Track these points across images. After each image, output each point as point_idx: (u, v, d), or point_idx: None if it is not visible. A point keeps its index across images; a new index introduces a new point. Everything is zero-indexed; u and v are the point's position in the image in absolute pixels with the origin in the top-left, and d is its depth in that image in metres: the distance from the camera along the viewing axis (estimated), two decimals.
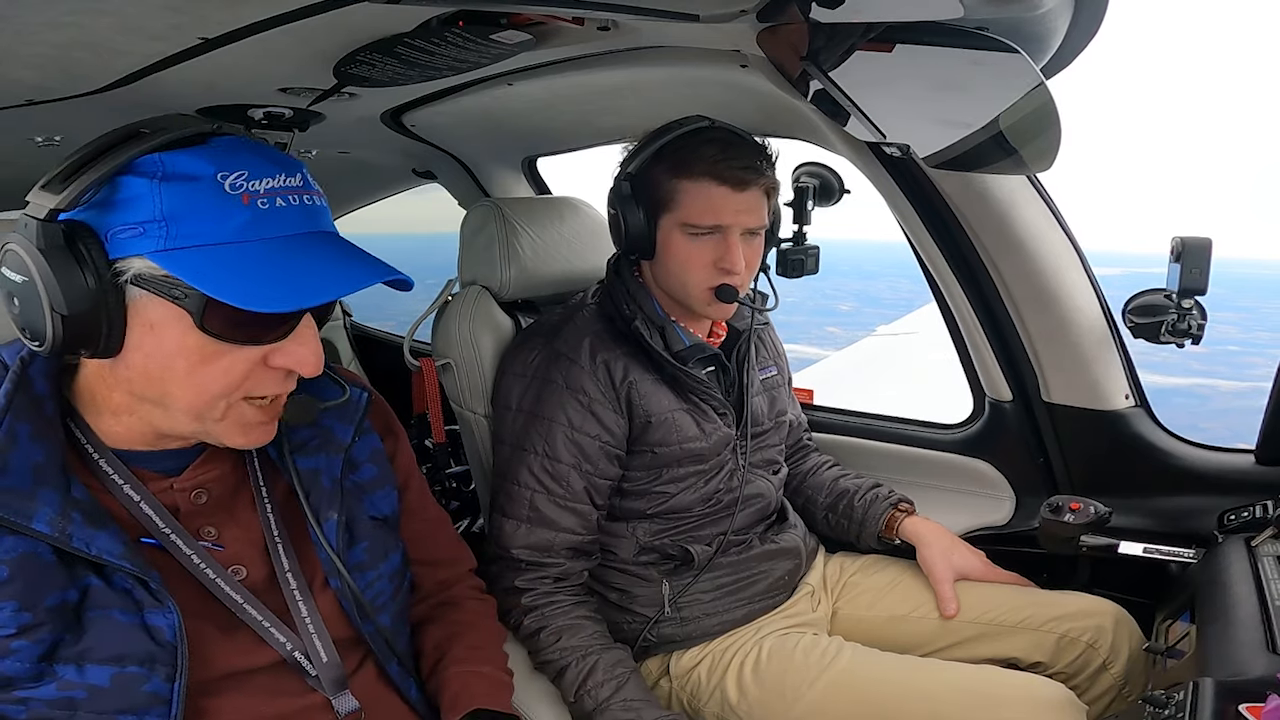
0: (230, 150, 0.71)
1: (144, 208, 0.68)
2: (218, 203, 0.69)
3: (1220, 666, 0.88)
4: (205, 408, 0.74)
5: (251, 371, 0.74)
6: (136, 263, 0.68)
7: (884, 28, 0.85)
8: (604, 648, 1.17)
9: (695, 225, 1.20)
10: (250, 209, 0.70)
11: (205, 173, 0.69)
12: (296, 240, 0.72)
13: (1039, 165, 0.98)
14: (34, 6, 0.79)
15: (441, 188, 2.28)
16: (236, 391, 0.74)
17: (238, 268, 0.68)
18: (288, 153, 1.51)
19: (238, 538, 0.83)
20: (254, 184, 0.70)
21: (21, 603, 0.68)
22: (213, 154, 0.70)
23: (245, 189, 0.70)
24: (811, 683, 1.18)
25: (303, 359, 0.74)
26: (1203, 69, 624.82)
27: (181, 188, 0.68)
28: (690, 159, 1.19)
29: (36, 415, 0.74)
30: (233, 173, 0.69)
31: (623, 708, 1.10)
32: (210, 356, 0.71)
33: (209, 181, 0.69)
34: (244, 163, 0.70)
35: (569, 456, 1.21)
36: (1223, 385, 16.04)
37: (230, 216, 0.69)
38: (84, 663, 0.70)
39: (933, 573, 1.34)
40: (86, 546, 0.71)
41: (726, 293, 1.22)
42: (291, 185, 0.73)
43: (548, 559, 1.21)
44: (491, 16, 0.91)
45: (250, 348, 0.72)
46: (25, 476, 0.71)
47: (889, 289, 42.98)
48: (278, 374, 0.75)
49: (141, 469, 0.79)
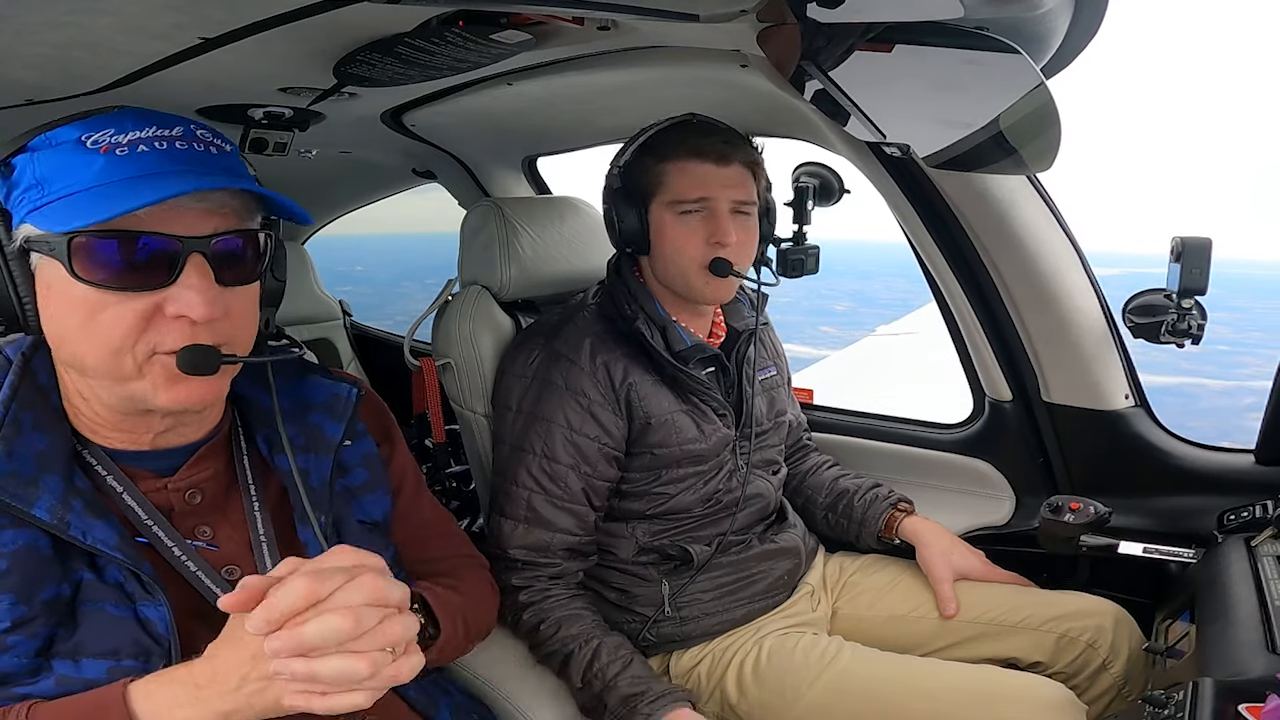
0: (110, 117, 0.73)
1: (25, 178, 0.72)
2: (78, 158, 0.71)
3: (1220, 666, 0.88)
4: (113, 365, 0.72)
5: (147, 322, 0.72)
6: (24, 229, 0.72)
7: (883, 27, 0.85)
8: (605, 633, 1.18)
9: (682, 201, 1.22)
10: (106, 157, 0.71)
11: (71, 136, 0.71)
12: (159, 177, 0.71)
13: (1039, 165, 0.98)
14: (34, 6, 0.79)
15: (441, 187, 2.28)
16: (139, 344, 0.72)
17: (83, 206, 0.69)
18: (287, 152, 1.52)
19: (231, 537, 0.83)
20: (117, 138, 0.71)
21: (18, 596, 0.69)
22: (90, 122, 0.72)
23: (107, 142, 0.71)
24: (811, 683, 1.18)
25: (190, 303, 0.71)
26: (1201, 69, 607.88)
27: (51, 153, 0.71)
28: (670, 142, 1.24)
29: (41, 405, 0.75)
30: (97, 131, 0.71)
31: (630, 683, 1.12)
32: (97, 307, 0.71)
33: (73, 143, 0.71)
34: (114, 123, 0.72)
35: (567, 458, 1.21)
36: (1211, 384, 16.09)
37: (87, 166, 0.70)
38: (79, 657, 0.71)
39: (932, 572, 1.34)
40: (83, 535, 0.71)
41: (720, 265, 1.22)
42: (163, 134, 0.73)
43: (544, 559, 1.21)
44: (491, 16, 0.91)
45: (135, 295, 0.71)
46: (28, 463, 0.72)
47: (885, 289, 43.03)
48: (180, 323, 0.72)
49: (135, 468, 0.79)
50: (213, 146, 0.75)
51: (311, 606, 0.63)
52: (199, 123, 0.76)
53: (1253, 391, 17.82)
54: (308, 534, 0.85)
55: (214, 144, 0.76)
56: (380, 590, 0.66)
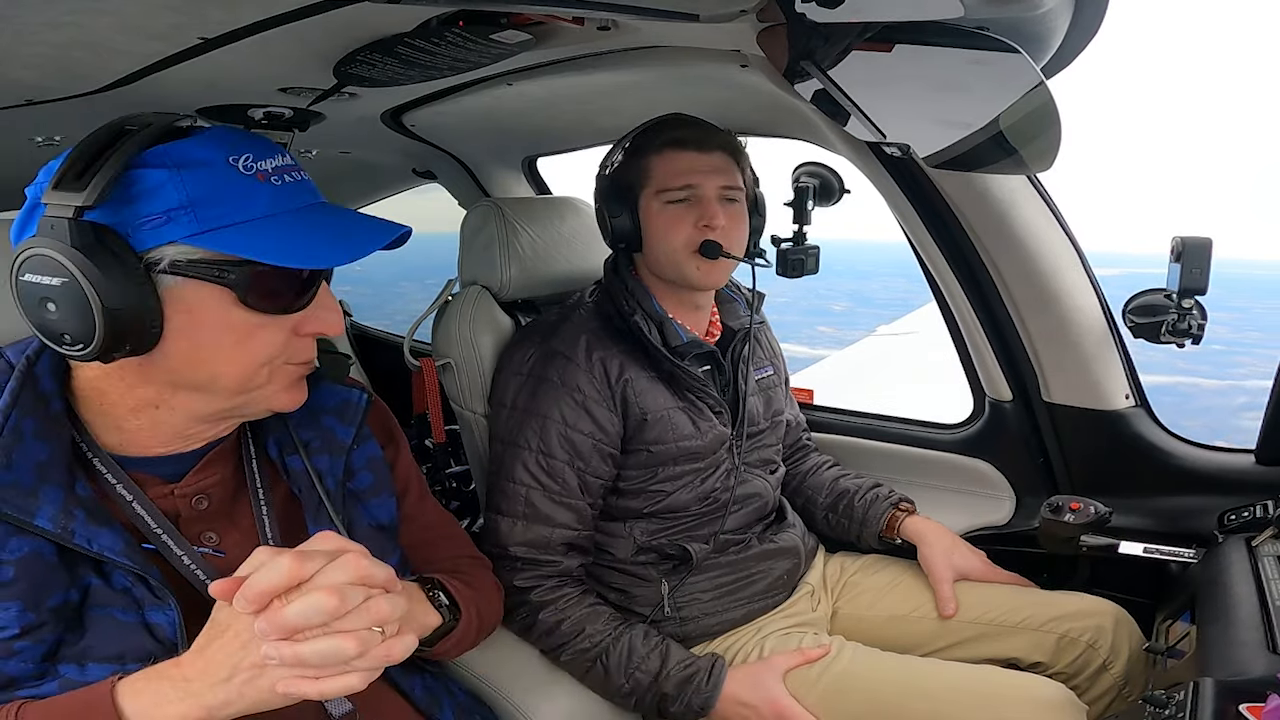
0: (226, 137, 0.74)
1: (167, 196, 0.69)
2: (239, 183, 0.72)
3: (1220, 666, 0.88)
4: (251, 377, 0.77)
5: (289, 339, 0.78)
6: (169, 250, 0.70)
7: (883, 27, 0.85)
8: (628, 625, 1.20)
9: (668, 189, 1.25)
10: (268, 186, 0.74)
11: (216, 158, 0.72)
12: (312, 210, 0.78)
13: (1039, 165, 0.98)
14: (34, 6, 0.79)
15: (441, 187, 2.28)
16: (279, 358, 0.78)
17: (276, 237, 0.72)
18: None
19: (238, 543, 0.82)
20: (261, 164, 0.74)
21: (25, 603, 0.68)
22: (214, 140, 0.73)
23: (256, 169, 0.74)
24: (812, 683, 1.17)
25: (330, 321, 0.79)
26: (1199, 69, 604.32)
27: (199, 173, 0.71)
28: (652, 136, 1.28)
29: (42, 412, 0.74)
30: (241, 155, 0.73)
31: (680, 668, 1.16)
32: (254, 329, 0.75)
33: (223, 165, 0.72)
34: (246, 147, 0.74)
35: (563, 453, 1.21)
36: (1206, 384, 16.15)
37: (255, 194, 0.73)
38: (85, 661, 0.70)
39: (933, 572, 1.34)
40: (88, 544, 0.71)
41: (710, 248, 1.24)
42: (288, 164, 0.77)
43: (545, 556, 1.21)
44: (491, 16, 0.90)
45: (284, 316, 0.76)
46: (29, 473, 0.71)
47: (883, 288, 43.07)
48: (309, 340, 0.80)
49: (142, 474, 0.79)
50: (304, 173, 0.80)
51: (296, 589, 0.64)
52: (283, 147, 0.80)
53: (1246, 391, 17.91)
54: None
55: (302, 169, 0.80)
56: (364, 569, 0.67)
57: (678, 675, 1.15)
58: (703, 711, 1.14)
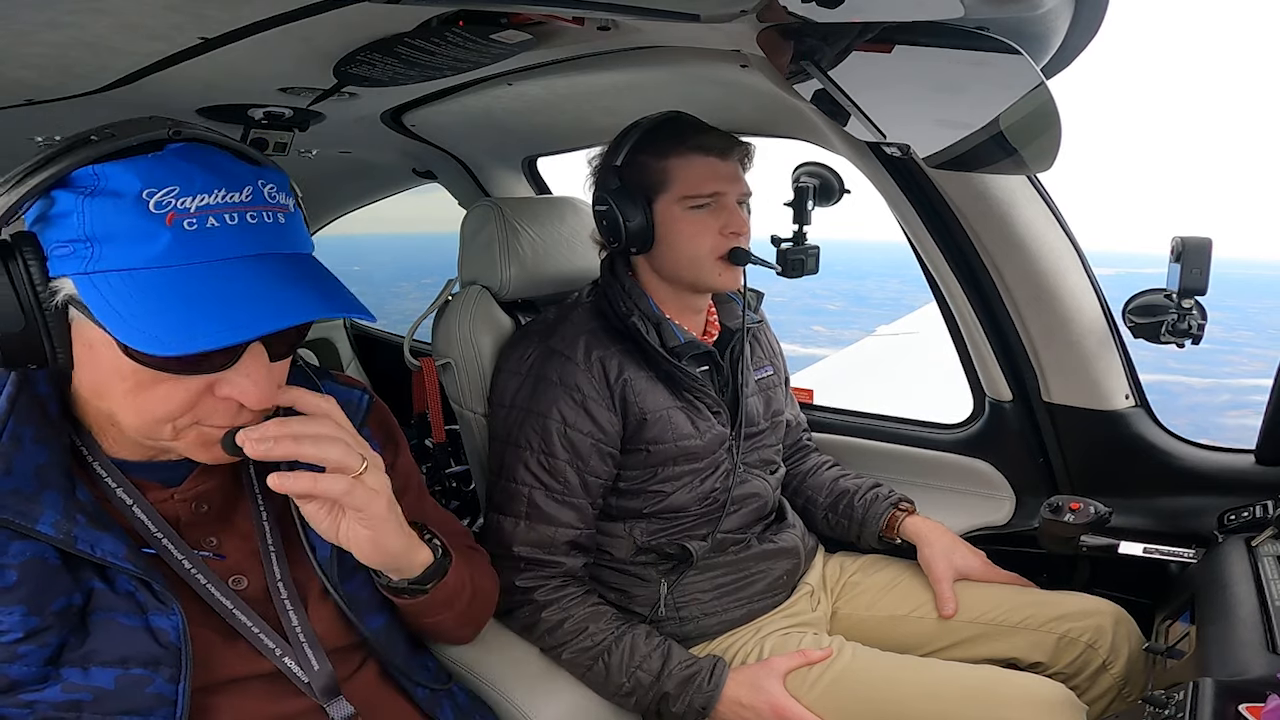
0: (171, 162, 0.66)
1: (72, 226, 0.64)
2: (140, 223, 0.64)
3: (1220, 666, 0.88)
4: (150, 431, 0.71)
5: (196, 400, 0.70)
6: (66, 284, 0.65)
7: (883, 27, 0.85)
8: (630, 625, 1.20)
9: (695, 196, 1.24)
10: (174, 230, 0.64)
11: (131, 189, 0.64)
12: (230, 264, 0.66)
13: (1039, 165, 0.98)
14: (33, 6, 0.79)
15: (441, 187, 2.28)
16: (183, 419, 0.70)
17: (153, 297, 0.63)
18: (287, 152, 1.52)
19: (238, 547, 0.83)
20: (183, 201, 0.64)
21: (29, 607, 0.68)
22: (148, 167, 0.65)
23: (172, 207, 0.64)
24: (812, 683, 1.17)
25: (244, 390, 0.69)
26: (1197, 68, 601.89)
27: (105, 204, 0.64)
28: (672, 138, 1.25)
29: (40, 418, 0.74)
30: (160, 189, 0.64)
31: (682, 667, 1.16)
32: (147, 383, 0.68)
33: (133, 199, 0.64)
34: (179, 177, 0.65)
35: (563, 452, 1.21)
36: (1194, 382, 16.25)
37: (152, 239, 0.64)
38: (89, 665, 0.70)
39: (932, 572, 1.35)
40: (91, 549, 0.71)
41: (739, 255, 1.26)
42: (233, 202, 0.67)
43: (548, 556, 1.21)
44: (492, 16, 0.91)
45: (190, 379, 0.68)
46: (29, 479, 0.70)
47: (877, 288, 43.15)
48: (229, 404, 0.70)
49: (142, 479, 0.79)
50: (280, 211, 0.70)
51: None
52: (266, 173, 0.70)
53: (1230, 389, 18.09)
54: (317, 535, 0.84)
55: (279, 204, 0.70)
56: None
57: (679, 675, 1.15)
58: (704, 712, 1.14)
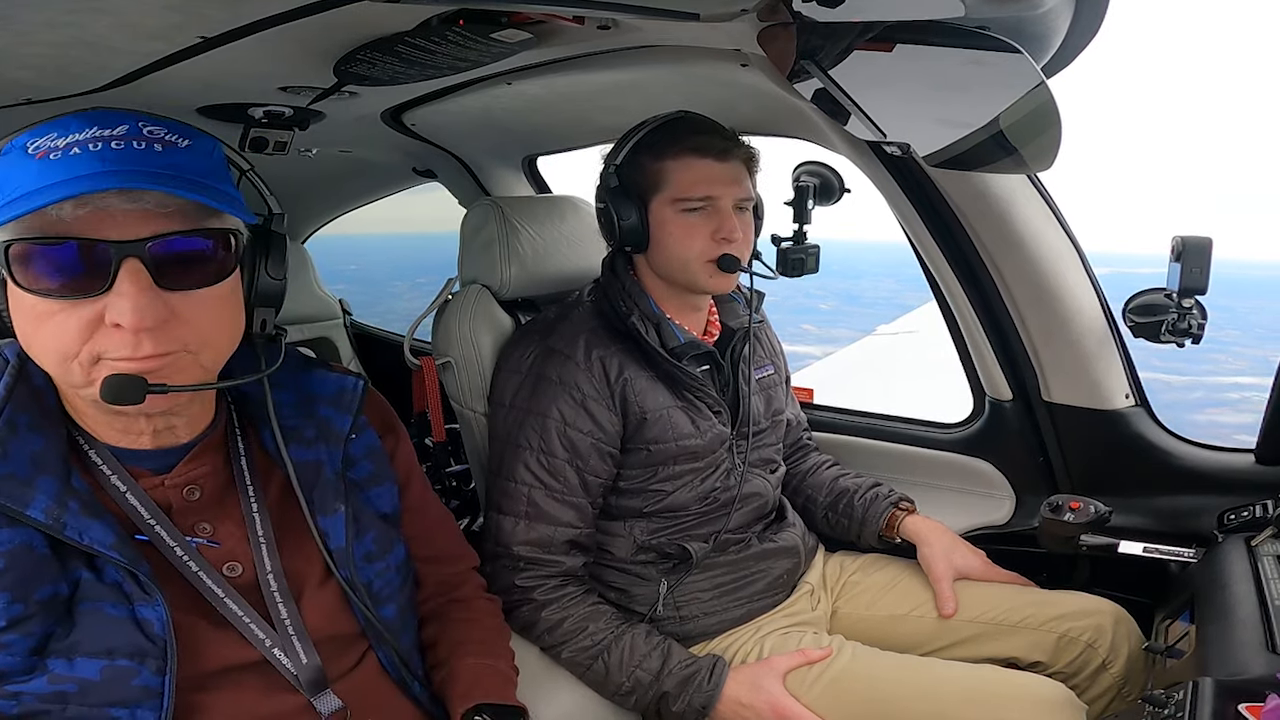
0: (59, 121, 0.71)
1: None
2: (17, 165, 0.70)
3: (1220, 666, 0.88)
4: (63, 372, 0.73)
5: (92, 330, 0.70)
6: None
7: (884, 27, 0.85)
8: (630, 625, 1.20)
9: (687, 198, 1.23)
10: (41, 163, 0.69)
11: (19, 143, 0.71)
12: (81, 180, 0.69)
13: (1039, 164, 0.98)
14: (33, 6, 0.79)
15: (441, 187, 2.28)
16: (83, 351, 0.71)
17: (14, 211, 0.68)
18: (288, 151, 1.52)
19: (232, 534, 0.83)
20: (56, 141, 0.70)
21: (13, 595, 0.69)
22: (41, 128, 0.71)
23: (45, 147, 0.70)
24: (812, 682, 1.17)
25: (121, 311, 0.69)
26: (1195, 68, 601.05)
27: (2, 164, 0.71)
28: (668, 139, 1.24)
29: (36, 406, 0.75)
30: (41, 137, 0.70)
31: (681, 666, 1.16)
32: (44, 315, 0.70)
33: (19, 150, 0.70)
34: (59, 127, 0.71)
35: (563, 452, 1.21)
36: (1172, 380, 16.46)
37: (24, 173, 0.69)
38: (74, 656, 0.71)
39: (932, 571, 1.34)
40: (79, 536, 0.72)
41: (728, 262, 1.24)
42: (102, 134, 0.70)
43: (548, 555, 1.21)
44: (492, 15, 0.90)
45: (77, 303, 0.69)
46: (24, 464, 0.72)
47: (871, 287, 43.19)
48: (121, 331, 0.70)
49: (134, 466, 0.79)
50: (159, 143, 0.72)
51: None
52: (152, 119, 0.73)
53: (1204, 386, 18.27)
54: (328, 523, 0.85)
55: (163, 140, 0.72)
56: None
57: (679, 674, 1.15)
58: (703, 711, 1.14)
